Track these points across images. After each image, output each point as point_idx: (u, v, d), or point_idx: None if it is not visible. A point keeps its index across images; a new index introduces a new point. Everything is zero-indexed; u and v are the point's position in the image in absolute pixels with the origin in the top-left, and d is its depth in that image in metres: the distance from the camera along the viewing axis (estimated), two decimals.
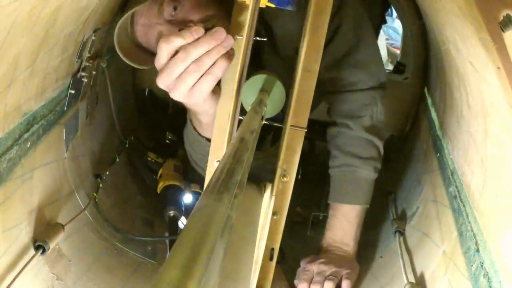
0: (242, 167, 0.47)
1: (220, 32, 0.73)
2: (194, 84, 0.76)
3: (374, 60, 1.21)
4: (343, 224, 1.23)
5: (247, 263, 0.53)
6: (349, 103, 1.20)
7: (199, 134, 1.02)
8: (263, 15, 1.11)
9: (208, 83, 0.76)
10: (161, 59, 0.76)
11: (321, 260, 1.16)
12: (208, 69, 0.74)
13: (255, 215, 0.72)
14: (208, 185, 0.39)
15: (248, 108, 0.83)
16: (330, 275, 1.11)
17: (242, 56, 0.76)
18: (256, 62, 1.03)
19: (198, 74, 0.75)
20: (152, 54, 0.90)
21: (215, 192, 0.37)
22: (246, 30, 0.75)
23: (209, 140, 1.00)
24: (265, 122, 0.85)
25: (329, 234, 1.24)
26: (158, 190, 1.50)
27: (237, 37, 0.76)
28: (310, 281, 1.12)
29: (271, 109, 0.85)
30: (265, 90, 0.84)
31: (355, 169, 1.21)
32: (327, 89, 1.22)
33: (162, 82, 0.77)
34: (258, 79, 0.85)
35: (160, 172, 1.58)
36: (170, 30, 1.01)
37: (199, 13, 1.01)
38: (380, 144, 1.22)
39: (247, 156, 0.52)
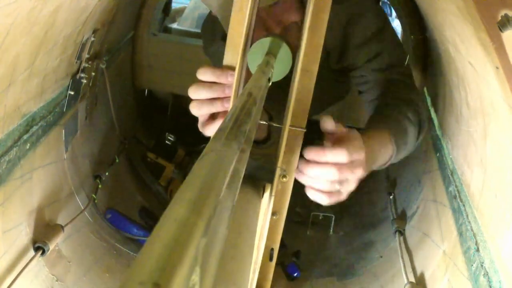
0: (251, 120, 0.45)
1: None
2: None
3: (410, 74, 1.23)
4: (380, 154, 0.92)
5: (246, 263, 0.53)
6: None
7: None
8: None
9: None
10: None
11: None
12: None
13: (254, 215, 0.72)
14: (216, 134, 0.38)
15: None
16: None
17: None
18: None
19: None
20: None
21: (224, 139, 0.36)
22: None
23: None
24: (272, 82, 0.84)
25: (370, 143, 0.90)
26: None
27: None
28: None
29: (278, 72, 0.84)
30: (271, 53, 0.83)
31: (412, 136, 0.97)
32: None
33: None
34: (264, 42, 0.84)
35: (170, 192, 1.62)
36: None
37: (294, 15, 1.02)
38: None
39: (255, 111, 0.50)
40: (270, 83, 0.80)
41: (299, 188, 0.96)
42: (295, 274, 1.29)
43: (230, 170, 0.32)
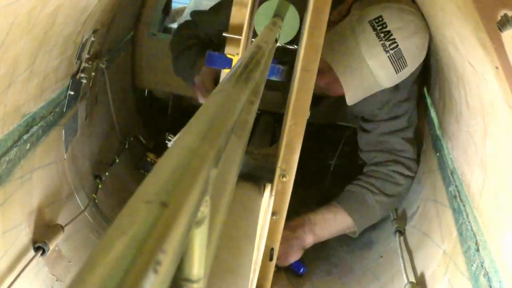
0: (260, 69, 0.44)
1: None
2: None
3: (415, 142, 1.37)
4: (330, 224, 1.28)
5: (247, 260, 0.53)
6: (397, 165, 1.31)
7: None
8: None
9: None
10: None
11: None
12: None
13: (254, 215, 0.72)
14: (225, 77, 0.37)
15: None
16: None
17: None
18: None
19: None
20: None
21: (234, 81, 0.36)
22: None
23: None
24: (279, 44, 0.84)
25: (312, 216, 1.28)
26: None
27: None
28: None
29: (285, 34, 0.84)
30: (278, 15, 0.83)
31: (375, 204, 1.29)
32: (377, 148, 1.35)
33: None
34: (271, 4, 0.84)
35: None
36: None
37: None
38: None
39: (264, 63, 0.49)
40: (277, 44, 0.79)
41: (299, 188, 0.97)
42: (301, 271, 1.26)
43: (239, 108, 0.31)
